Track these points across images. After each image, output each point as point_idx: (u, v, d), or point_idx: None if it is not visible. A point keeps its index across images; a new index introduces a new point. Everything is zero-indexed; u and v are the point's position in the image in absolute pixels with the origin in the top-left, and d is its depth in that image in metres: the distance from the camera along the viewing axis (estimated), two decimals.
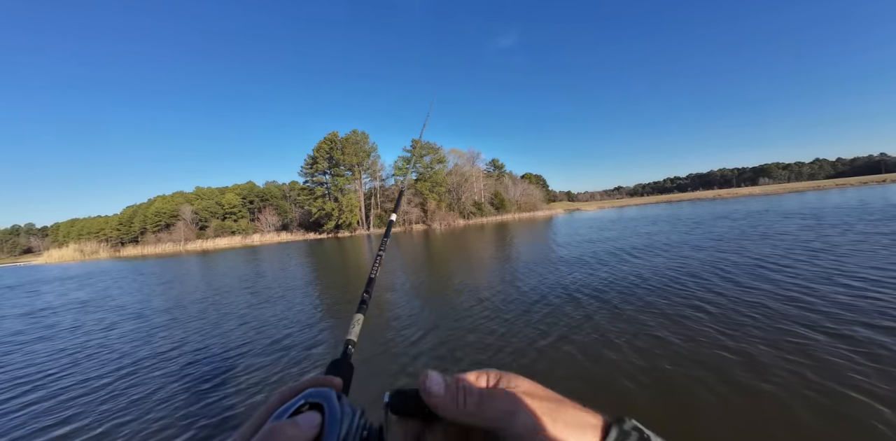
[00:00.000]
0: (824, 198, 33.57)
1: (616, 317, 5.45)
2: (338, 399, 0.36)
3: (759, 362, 3.68)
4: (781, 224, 15.26)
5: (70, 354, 6.27)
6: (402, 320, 6.37)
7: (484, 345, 4.83)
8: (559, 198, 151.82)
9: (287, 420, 0.33)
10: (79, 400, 4.37)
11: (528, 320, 5.67)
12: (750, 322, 4.73)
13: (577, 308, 6.08)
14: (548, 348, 4.51)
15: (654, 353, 4.09)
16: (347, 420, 0.34)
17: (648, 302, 6.05)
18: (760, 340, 4.16)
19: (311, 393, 0.36)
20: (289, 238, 55.92)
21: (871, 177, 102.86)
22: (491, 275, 10.05)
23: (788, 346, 3.98)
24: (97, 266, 34.90)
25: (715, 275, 7.50)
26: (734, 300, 5.72)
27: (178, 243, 57.89)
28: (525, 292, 7.51)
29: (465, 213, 57.70)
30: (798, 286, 6.15)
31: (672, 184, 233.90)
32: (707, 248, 10.90)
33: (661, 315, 5.34)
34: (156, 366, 5.28)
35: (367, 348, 5.05)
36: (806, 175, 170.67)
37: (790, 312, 4.96)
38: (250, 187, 74.45)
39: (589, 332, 4.90)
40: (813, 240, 10.55)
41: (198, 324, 7.56)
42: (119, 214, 76.47)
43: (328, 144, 55.73)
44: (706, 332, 4.56)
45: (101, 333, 7.56)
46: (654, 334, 4.63)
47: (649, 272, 8.37)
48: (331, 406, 0.35)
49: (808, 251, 8.95)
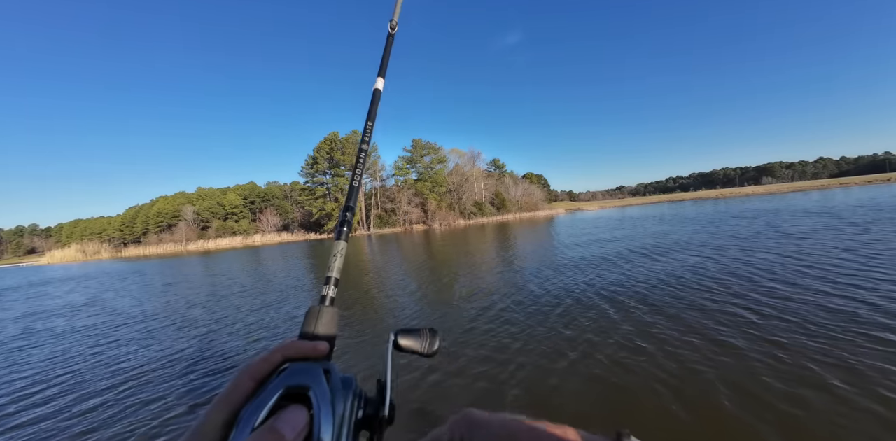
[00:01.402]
0: (833, 196, 33.19)
1: (684, 323, 4.86)
2: (325, 375, 0.29)
3: (862, 375, 3.23)
4: (804, 223, 14.75)
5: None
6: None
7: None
8: (561, 197, 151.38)
9: (265, 427, 0.26)
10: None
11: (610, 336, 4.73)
12: (837, 329, 4.23)
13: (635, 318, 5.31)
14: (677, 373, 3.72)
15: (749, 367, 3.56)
16: (341, 404, 0.28)
17: (701, 306, 5.49)
18: (855, 348, 3.72)
19: (290, 374, 0.30)
20: (289, 238, 55.96)
21: (876, 176, 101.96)
22: (507, 276, 9.90)
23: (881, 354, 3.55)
24: (98, 267, 35.00)
25: (767, 277, 6.80)
26: (808, 302, 5.19)
27: (180, 244, 58.05)
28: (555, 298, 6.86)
29: (465, 213, 57.54)
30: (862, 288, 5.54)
31: (674, 183, 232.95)
32: (741, 248, 10.19)
33: (731, 321, 4.75)
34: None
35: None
36: (810, 174, 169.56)
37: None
38: (252, 188, 74.59)
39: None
40: (847, 238, 10.05)
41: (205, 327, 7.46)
42: (122, 215, 76.84)
43: (328, 145, 55.76)
44: (798, 340, 4.04)
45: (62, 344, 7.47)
46: (732, 344, 4.08)
47: (690, 274, 7.56)
48: (319, 391, 0.28)
49: (846, 250, 8.45)
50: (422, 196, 55.47)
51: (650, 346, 4.22)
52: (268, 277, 13.96)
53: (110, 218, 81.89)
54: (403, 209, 53.64)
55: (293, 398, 0.28)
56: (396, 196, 55.43)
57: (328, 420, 0.27)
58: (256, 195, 72.06)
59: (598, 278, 8.15)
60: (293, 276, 13.87)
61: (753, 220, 17.63)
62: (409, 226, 52.89)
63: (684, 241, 12.87)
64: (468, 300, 7.28)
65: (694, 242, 12.27)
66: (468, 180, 60.40)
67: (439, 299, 7.68)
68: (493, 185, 65.32)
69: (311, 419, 0.27)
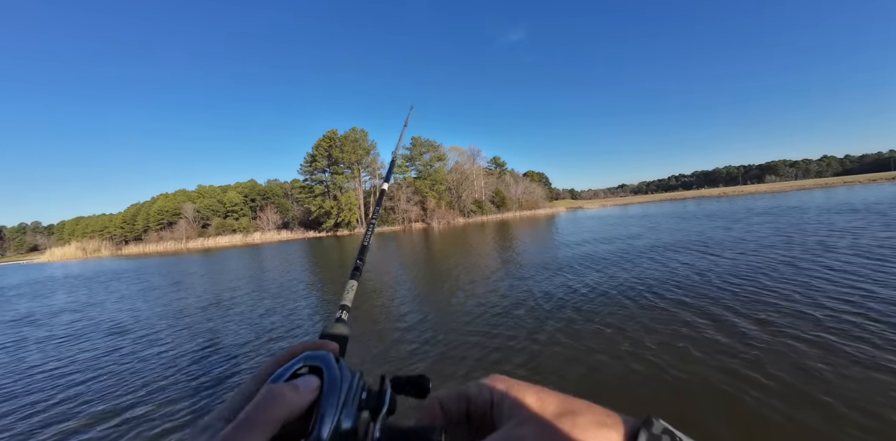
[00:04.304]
0: (842, 195, 32.74)
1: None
2: (336, 362, 0.35)
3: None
4: (837, 220, 14.37)
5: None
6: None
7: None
8: (562, 196, 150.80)
9: (285, 383, 0.33)
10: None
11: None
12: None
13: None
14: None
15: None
16: (346, 383, 0.34)
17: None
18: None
19: (308, 356, 0.36)
20: (289, 236, 55.92)
21: (881, 174, 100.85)
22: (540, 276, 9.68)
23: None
24: (98, 264, 35.01)
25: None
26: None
27: (180, 241, 58.12)
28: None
29: (465, 211, 57.28)
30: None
31: (677, 181, 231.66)
32: (789, 247, 9.69)
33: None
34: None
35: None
36: (813, 172, 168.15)
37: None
38: (252, 185, 74.54)
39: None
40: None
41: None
42: (123, 213, 76.98)
43: (327, 142, 55.47)
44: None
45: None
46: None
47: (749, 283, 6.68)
48: (329, 369, 0.34)
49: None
50: (421, 194, 55.22)
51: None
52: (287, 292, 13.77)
53: (112, 215, 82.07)
54: (402, 207, 53.43)
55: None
56: (395, 194, 55.23)
57: (334, 389, 0.32)
58: (257, 193, 72.02)
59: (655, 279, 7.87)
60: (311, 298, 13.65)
61: (780, 218, 17.10)
62: (408, 224, 52.69)
63: (748, 240, 11.65)
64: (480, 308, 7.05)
65: (742, 241, 11.40)
66: (468, 178, 60.09)
67: (438, 307, 7.47)
68: (493, 184, 64.99)
69: (322, 386, 0.33)
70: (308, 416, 0.31)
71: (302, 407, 0.31)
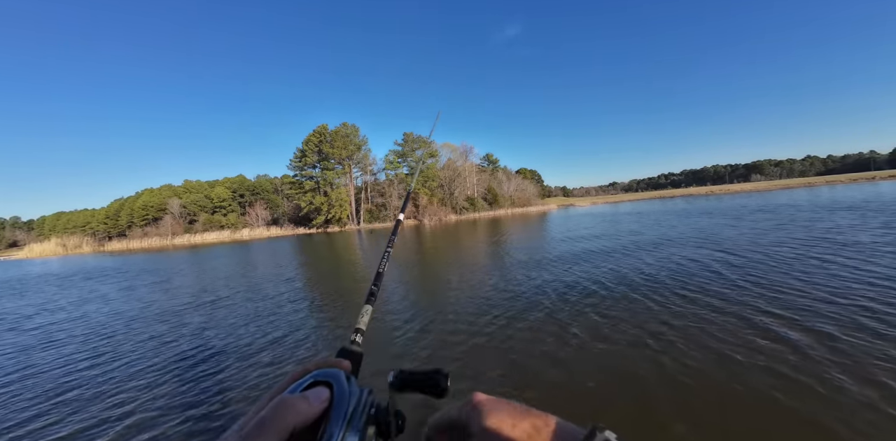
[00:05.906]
0: (826, 193, 33.45)
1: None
2: (346, 379, 0.37)
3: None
4: (834, 218, 14.46)
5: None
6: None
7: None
8: (554, 193, 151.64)
9: (297, 394, 0.34)
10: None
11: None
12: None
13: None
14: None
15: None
16: (355, 397, 0.35)
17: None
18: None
19: (319, 373, 0.38)
20: (278, 233, 55.09)
21: (861, 174, 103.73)
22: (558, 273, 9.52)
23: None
24: (82, 261, 33.97)
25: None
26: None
27: (165, 238, 56.81)
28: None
29: (457, 208, 57.13)
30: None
31: (666, 179, 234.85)
32: (809, 246, 9.47)
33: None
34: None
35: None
36: (797, 172, 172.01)
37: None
38: (241, 180, 73.11)
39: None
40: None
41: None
42: (106, 208, 74.87)
43: (317, 137, 54.60)
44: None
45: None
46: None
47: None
48: (339, 384, 0.36)
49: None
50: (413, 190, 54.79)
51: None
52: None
53: (94, 211, 79.75)
54: (394, 204, 53.03)
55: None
56: (387, 190, 54.75)
57: (342, 403, 0.34)
58: (245, 188, 70.71)
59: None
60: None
61: (777, 216, 17.13)
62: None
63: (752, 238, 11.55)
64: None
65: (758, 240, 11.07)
66: (460, 175, 59.89)
67: (430, 299, 7.28)
68: (485, 180, 64.91)
69: (331, 398, 0.35)
70: (316, 428, 0.32)
71: (311, 417, 0.32)
